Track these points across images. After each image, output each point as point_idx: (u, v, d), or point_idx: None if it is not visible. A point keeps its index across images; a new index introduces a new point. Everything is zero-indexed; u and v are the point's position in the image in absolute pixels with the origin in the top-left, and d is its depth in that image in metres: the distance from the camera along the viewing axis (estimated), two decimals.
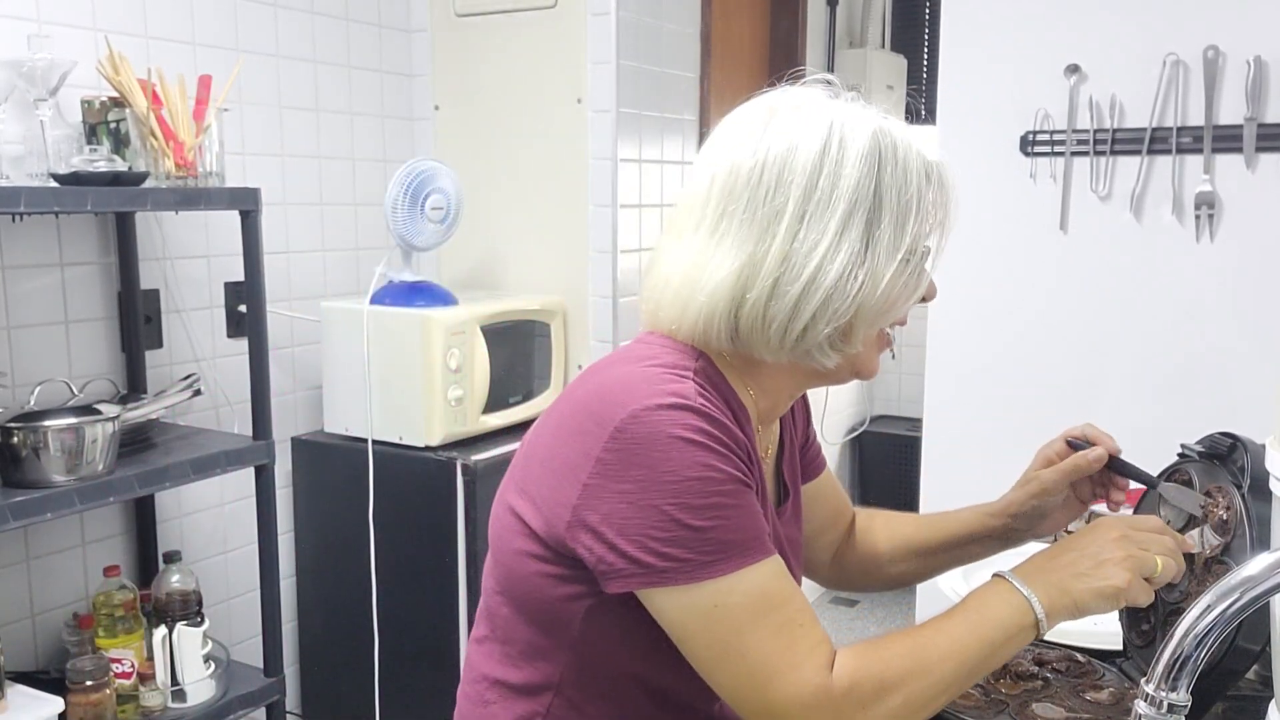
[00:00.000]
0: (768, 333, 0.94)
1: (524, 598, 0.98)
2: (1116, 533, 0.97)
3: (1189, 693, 0.67)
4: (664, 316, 0.99)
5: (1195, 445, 1.18)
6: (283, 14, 2.36)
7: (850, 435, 4.10)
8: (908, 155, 0.95)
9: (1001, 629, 0.92)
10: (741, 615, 0.88)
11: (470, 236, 2.65)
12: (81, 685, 1.73)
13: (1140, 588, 0.93)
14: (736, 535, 0.88)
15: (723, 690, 0.90)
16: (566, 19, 2.51)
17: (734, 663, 0.88)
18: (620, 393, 0.91)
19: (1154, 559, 0.94)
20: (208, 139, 1.87)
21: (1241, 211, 2.06)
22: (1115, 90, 2.13)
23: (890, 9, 4.06)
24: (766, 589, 0.89)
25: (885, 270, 0.93)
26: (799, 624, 0.89)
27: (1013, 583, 0.94)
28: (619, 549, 0.88)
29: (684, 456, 0.87)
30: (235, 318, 2.29)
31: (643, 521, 0.87)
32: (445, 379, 2.21)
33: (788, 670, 0.87)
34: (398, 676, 2.34)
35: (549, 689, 0.99)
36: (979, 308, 2.32)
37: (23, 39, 1.80)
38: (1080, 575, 0.93)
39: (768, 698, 0.87)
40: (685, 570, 0.87)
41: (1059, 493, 1.20)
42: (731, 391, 0.99)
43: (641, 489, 0.87)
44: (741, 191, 0.94)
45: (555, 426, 0.96)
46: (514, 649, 1.01)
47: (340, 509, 2.36)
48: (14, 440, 1.61)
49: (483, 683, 1.04)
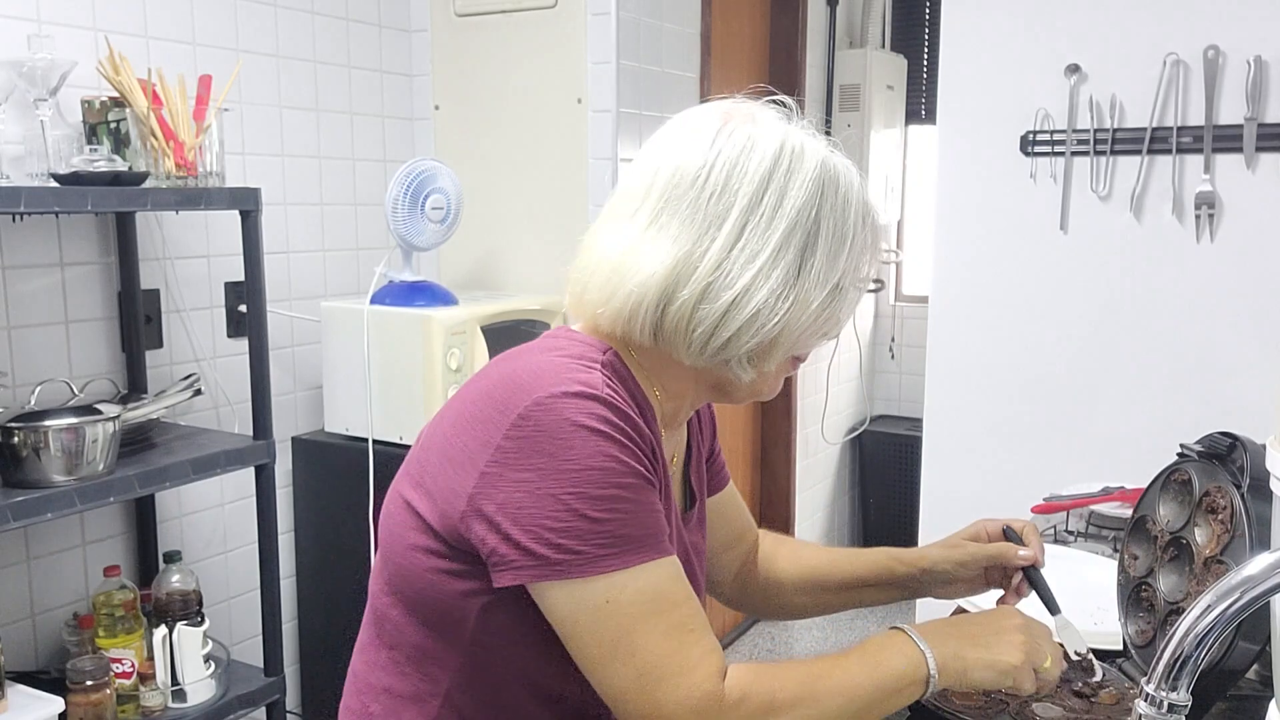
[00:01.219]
0: (691, 335, 0.93)
1: (416, 597, 0.95)
2: (1019, 620, 1.00)
3: (1189, 692, 0.67)
4: (589, 299, 0.97)
5: (1195, 445, 1.19)
6: (283, 14, 2.36)
7: (850, 435, 4.10)
8: (849, 191, 0.96)
9: (894, 678, 0.93)
10: (633, 613, 0.86)
11: (470, 236, 2.65)
12: (82, 685, 1.73)
13: (1028, 673, 0.96)
14: (634, 530, 0.87)
15: (608, 692, 0.88)
16: (566, 19, 2.51)
17: (622, 662, 0.86)
18: (526, 380, 0.89)
19: (1046, 654, 0.98)
20: (208, 139, 1.88)
21: (1241, 211, 2.06)
22: (1115, 90, 2.13)
23: (890, 9, 4.05)
24: (661, 589, 0.87)
25: (814, 297, 0.93)
26: (691, 629, 0.88)
27: (911, 637, 0.96)
28: (512, 539, 0.86)
29: (587, 445, 0.86)
30: (235, 318, 2.29)
31: (539, 511, 0.85)
32: (445, 379, 2.21)
33: (678, 674, 0.86)
34: None
35: (436, 696, 0.96)
36: (979, 308, 2.32)
37: (23, 39, 1.80)
38: (977, 645, 0.96)
39: (656, 699, 0.86)
40: (578, 563, 0.85)
41: (976, 568, 1.20)
42: (638, 388, 0.98)
43: (540, 477, 0.85)
44: (686, 189, 0.93)
45: (455, 416, 0.94)
46: (401, 654, 0.98)
47: (340, 509, 2.36)
48: (14, 440, 1.61)
49: (368, 693, 1.01)
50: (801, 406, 3.66)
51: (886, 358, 4.25)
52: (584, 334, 1.00)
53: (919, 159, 4.13)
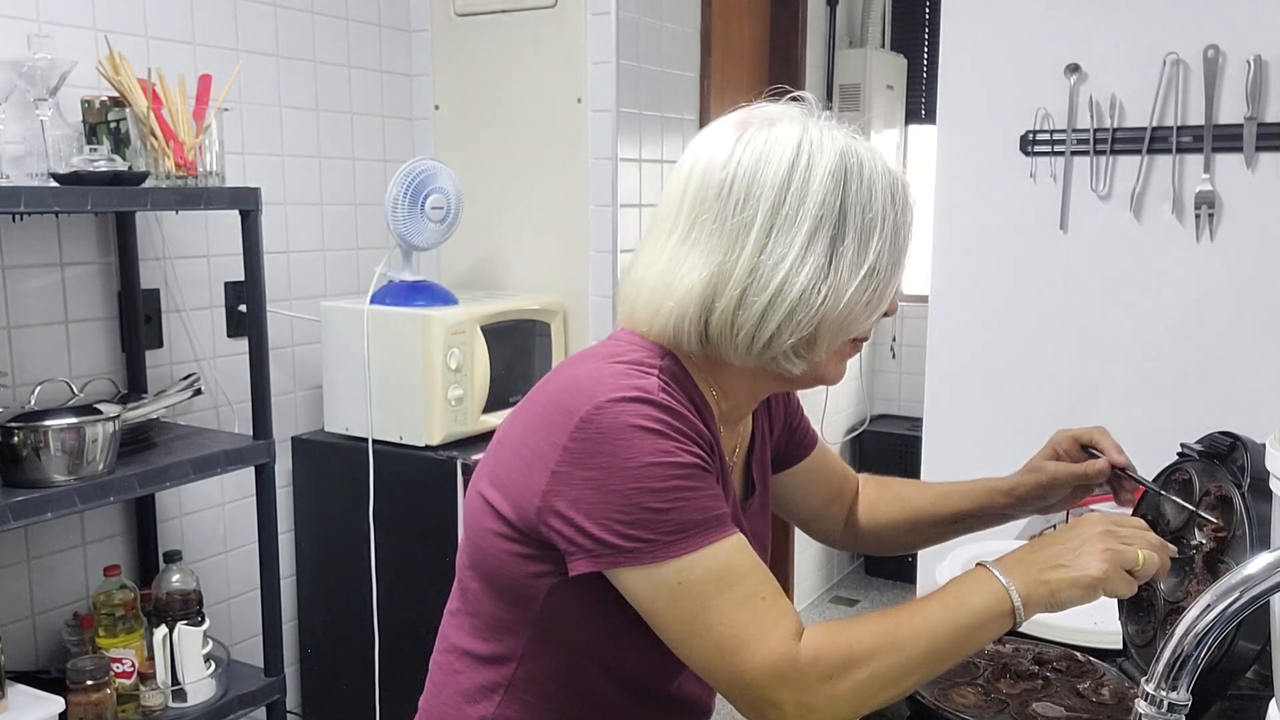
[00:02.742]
0: (735, 340, 0.99)
1: (492, 574, 1.03)
2: (1100, 528, 0.98)
3: (1189, 692, 0.67)
4: (638, 318, 1.04)
5: (1195, 445, 1.19)
6: (283, 14, 2.36)
7: (850, 435, 4.10)
8: (873, 175, 0.99)
9: (975, 614, 0.94)
10: (706, 590, 0.92)
11: (470, 236, 2.65)
12: (82, 685, 1.73)
13: (1120, 579, 0.95)
14: (697, 515, 0.92)
15: (694, 664, 0.94)
16: (566, 19, 2.51)
17: (701, 637, 0.92)
18: (587, 386, 0.96)
19: (1136, 552, 0.96)
20: (208, 139, 1.88)
21: (1241, 211, 2.06)
22: (1115, 90, 2.13)
23: (890, 9, 4.06)
24: (728, 564, 0.93)
25: (848, 285, 0.97)
26: (762, 597, 0.93)
27: (993, 571, 0.96)
28: (587, 531, 0.92)
29: (644, 444, 0.92)
30: (235, 317, 2.29)
31: (607, 505, 0.92)
32: (445, 379, 2.21)
33: (753, 641, 0.90)
34: (398, 676, 2.34)
35: (510, 660, 1.04)
36: (979, 308, 2.32)
37: (23, 39, 1.80)
38: (1058, 566, 0.96)
39: (737, 668, 0.91)
40: (649, 550, 0.91)
41: (1065, 489, 1.24)
42: (696, 389, 1.04)
43: (605, 475, 0.92)
44: (712, 202, 0.98)
45: (527, 418, 1.01)
46: (480, 621, 1.06)
47: (340, 509, 2.36)
48: (14, 440, 1.61)
49: (452, 652, 1.10)
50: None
51: (886, 357, 4.26)
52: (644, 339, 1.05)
53: (919, 159, 4.13)
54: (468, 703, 1.06)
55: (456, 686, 1.08)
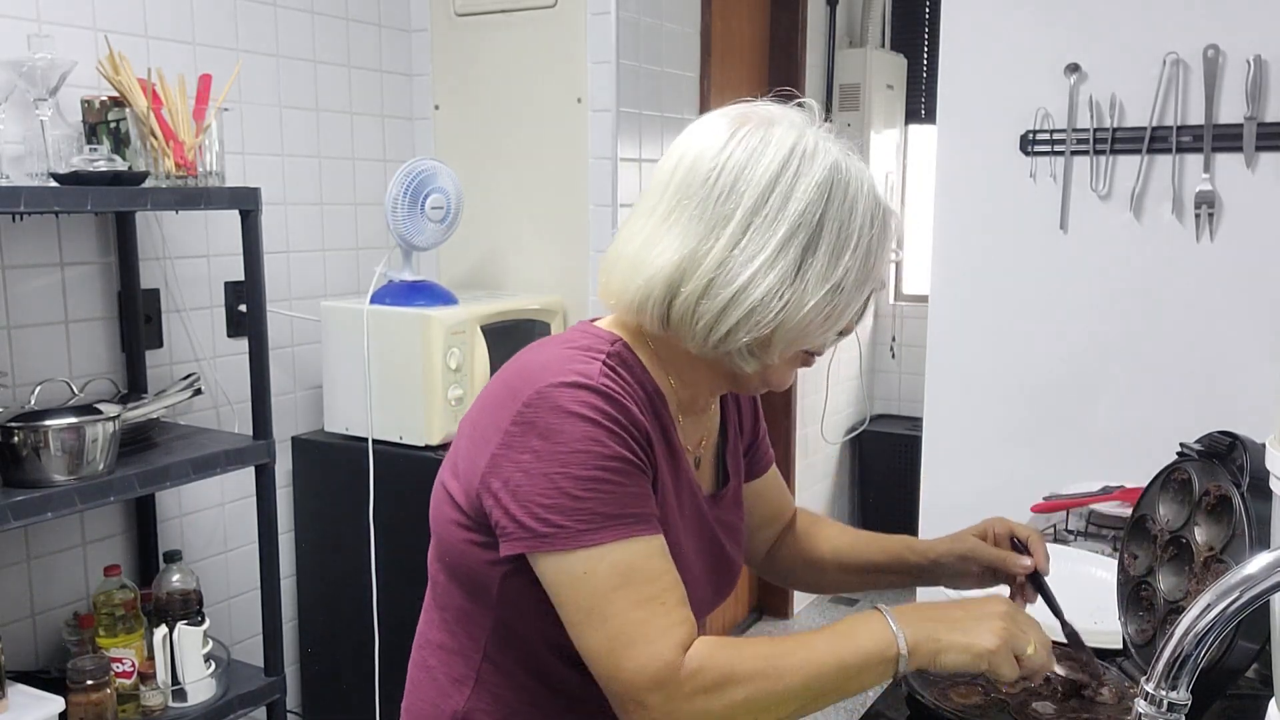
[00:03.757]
0: (694, 327, 1.00)
1: (454, 565, 1.05)
2: (1003, 608, 1.00)
3: (1189, 691, 0.67)
4: (612, 289, 1.05)
5: (1195, 444, 1.19)
6: (283, 14, 2.36)
7: (850, 435, 4.10)
8: (858, 195, 0.99)
9: (860, 655, 0.95)
10: (607, 584, 0.93)
11: (470, 236, 2.65)
12: (82, 685, 1.73)
13: (1007, 659, 0.96)
14: (613, 509, 0.94)
15: (583, 653, 0.96)
16: (566, 19, 2.51)
17: (594, 628, 0.93)
18: (534, 371, 0.98)
19: (1029, 641, 0.98)
20: (208, 139, 1.88)
21: (1241, 211, 2.06)
22: (1115, 89, 2.13)
23: (890, 9, 4.06)
24: (635, 563, 0.94)
25: (811, 296, 0.98)
26: (661, 602, 0.94)
27: (886, 617, 0.97)
28: (511, 513, 0.95)
29: (574, 430, 0.94)
30: (235, 317, 2.29)
31: (532, 488, 0.94)
32: (445, 378, 2.21)
33: (641, 642, 0.92)
34: (398, 676, 2.34)
35: (477, 652, 1.06)
36: (979, 308, 2.32)
37: (23, 39, 1.80)
38: (954, 629, 0.97)
39: (619, 665, 0.92)
40: (561, 537, 0.93)
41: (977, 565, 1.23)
42: (648, 378, 1.05)
43: (535, 458, 0.94)
44: (697, 189, 0.99)
45: (481, 404, 1.04)
46: (449, 615, 1.08)
47: (340, 509, 2.36)
48: (14, 440, 1.61)
49: (426, 648, 1.12)
50: (801, 406, 3.67)
51: (886, 357, 4.26)
52: (602, 327, 1.08)
53: (919, 158, 4.13)
54: (442, 697, 1.09)
55: (431, 681, 1.10)
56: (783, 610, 3.73)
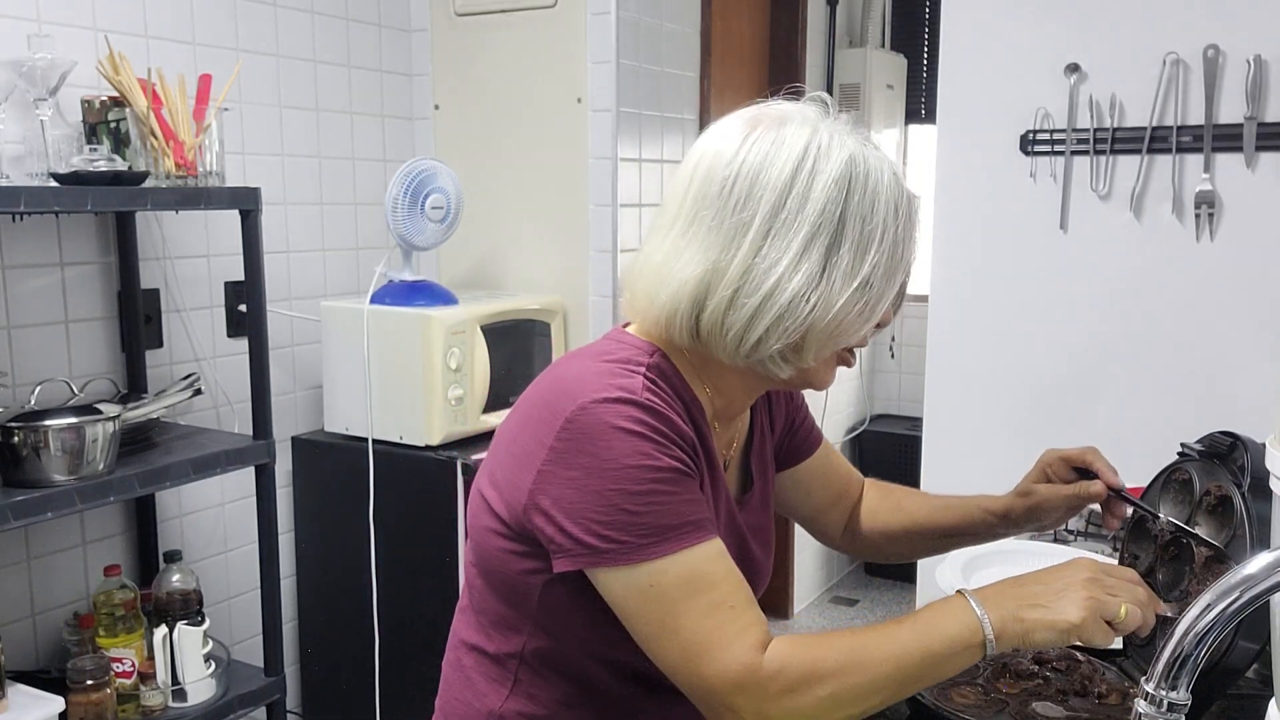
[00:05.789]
0: (724, 339, 0.98)
1: (492, 572, 1.05)
2: (1087, 574, 0.97)
3: (1189, 691, 0.67)
4: (638, 305, 1.04)
5: (1195, 444, 1.19)
6: (283, 14, 2.36)
7: (850, 435, 4.10)
8: (879, 186, 0.97)
9: (946, 642, 0.93)
10: (675, 595, 0.92)
11: (470, 236, 2.65)
12: (82, 684, 1.73)
13: (1098, 628, 0.93)
14: (672, 520, 0.93)
15: (660, 665, 0.95)
16: (566, 19, 2.51)
17: (668, 640, 0.93)
18: (573, 386, 0.97)
19: (1119, 604, 0.94)
20: (208, 139, 1.88)
21: (1241, 211, 2.06)
22: (1115, 89, 2.13)
23: (890, 9, 4.05)
24: (699, 571, 0.93)
25: (839, 295, 0.96)
26: (730, 605, 0.93)
27: (970, 601, 0.95)
28: (566, 530, 0.94)
29: (624, 446, 0.93)
30: (235, 317, 2.29)
31: (586, 505, 0.93)
32: (445, 378, 2.21)
33: (718, 649, 0.91)
34: (398, 676, 2.34)
35: (515, 657, 1.05)
36: (979, 307, 2.32)
37: (23, 39, 1.80)
38: (1037, 606, 0.95)
39: (700, 673, 0.92)
40: (623, 551, 0.92)
41: (1055, 511, 1.23)
42: (686, 388, 1.04)
43: (585, 475, 0.93)
44: (713, 199, 0.97)
45: (519, 418, 1.02)
46: (486, 618, 1.08)
47: (340, 509, 2.36)
48: (14, 440, 1.61)
49: (461, 649, 1.11)
50: None
51: (886, 357, 4.25)
52: (636, 335, 1.06)
53: (919, 158, 4.13)
54: (477, 697, 1.08)
55: (466, 681, 1.10)
56: (783, 610, 3.73)
